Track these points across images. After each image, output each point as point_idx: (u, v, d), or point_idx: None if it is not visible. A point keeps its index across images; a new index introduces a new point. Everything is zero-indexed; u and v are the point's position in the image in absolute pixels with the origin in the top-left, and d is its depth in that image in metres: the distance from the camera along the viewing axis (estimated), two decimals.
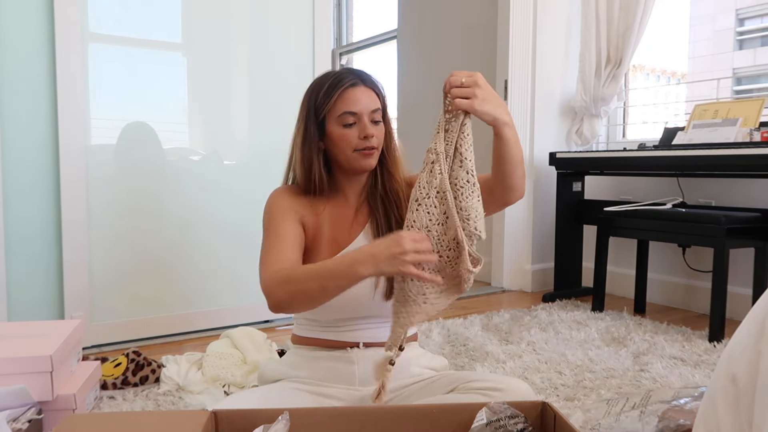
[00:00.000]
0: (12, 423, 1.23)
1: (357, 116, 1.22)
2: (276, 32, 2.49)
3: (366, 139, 1.22)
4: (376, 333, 1.29)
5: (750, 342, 0.65)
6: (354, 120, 1.22)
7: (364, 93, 1.22)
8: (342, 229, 1.29)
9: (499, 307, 2.78)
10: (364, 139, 1.22)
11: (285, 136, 2.49)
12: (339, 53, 5.48)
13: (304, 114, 1.26)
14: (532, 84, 3.18)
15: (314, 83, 1.27)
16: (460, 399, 1.17)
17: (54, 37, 2.03)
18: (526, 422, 0.97)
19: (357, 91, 1.22)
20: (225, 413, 1.00)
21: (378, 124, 1.24)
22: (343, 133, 1.22)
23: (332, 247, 1.27)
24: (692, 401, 1.30)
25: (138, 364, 1.75)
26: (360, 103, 1.21)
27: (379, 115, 1.24)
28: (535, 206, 3.21)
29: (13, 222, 2.02)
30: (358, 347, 1.28)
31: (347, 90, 1.21)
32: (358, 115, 1.22)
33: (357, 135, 1.22)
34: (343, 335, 1.29)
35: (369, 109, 1.22)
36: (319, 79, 1.27)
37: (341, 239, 1.28)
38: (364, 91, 1.23)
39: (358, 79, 1.23)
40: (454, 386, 1.22)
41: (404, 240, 1.02)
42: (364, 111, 1.22)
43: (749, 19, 11.19)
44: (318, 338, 1.31)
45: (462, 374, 1.28)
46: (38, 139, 2.05)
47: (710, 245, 2.23)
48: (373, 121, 1.23)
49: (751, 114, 2.40)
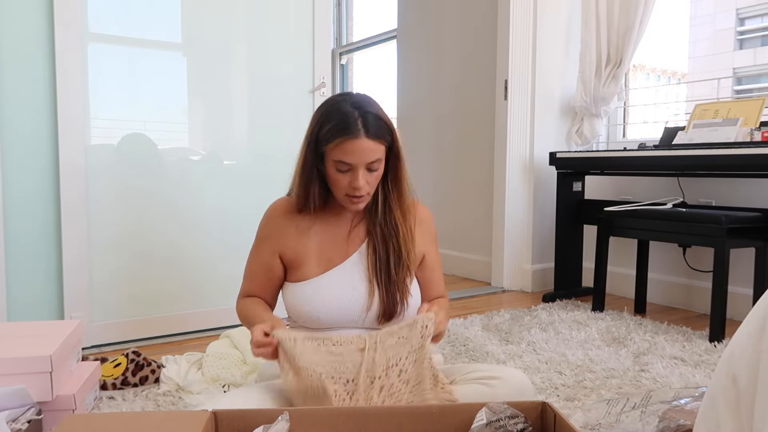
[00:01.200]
0: (11, 423, 1.23)
1: (351, 166, 1.21)
2: (276, 32, 2.49)
3: (355, 189, 1.22)
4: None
5: (750, 342, 0.65)
6: (348, 168, 1.22)
7: (365, 145, 1.19)
8: (336, 247, 1.32)
9: (499, 307, 2.78)
10: (354, 189, 1.22)
11: (285, 136, 2.51)
12: (339, 53, 5.48)
13: (308, 139, 1.26)
14: (532, 84, 3.18)
15: (323, 112, 1.24)
16: (460, 391, 1.19)
17: (53, 36, 2.03)
18: (526, 422, 0.97)
19: (357, 144, 1.19)
20: (225, 413, 1.00)
21: (374, 171, 1.23)
22: (336, 177, 1.23)
23: (323, 264, 1.31)
24: (693, 401, 1.30)
25: (138, 364, 1.75)
26: (357, 156, 1.19)
27: (376, 163, 1.22)
28: (535, 206, 3.21)
29: (13, 222, 2.02)
30: None
31: (347, 141, 1.19)
32: (353, 166, 1.21)
33: (349, 181, 1.22)
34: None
35: (365, 162, 1.21)
36: (328, 108, 1.24)
37: (335, 257, 1.31)
38: (366, 143, 1.19)
39: (362, 130, 1.19)
40: (452, 378, 1.25)
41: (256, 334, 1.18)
42: (359, 164, 1.20)
43: (749, 18, 11.19)
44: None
45: (459, 366, 1.31)
46: (38, 139, 2.05)
47: (711, 245, 2.23)
48: (369, 170, 1.22)
49: (752, 114, 2.39)
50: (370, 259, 1.30)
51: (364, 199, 1.26)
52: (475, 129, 3.56)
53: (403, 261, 1.29)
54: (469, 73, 3.59)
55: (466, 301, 2.96)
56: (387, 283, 1.28)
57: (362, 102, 1.23)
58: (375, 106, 1.24)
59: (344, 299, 1.28)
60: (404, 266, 1.29)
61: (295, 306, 1.31)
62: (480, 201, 3.53)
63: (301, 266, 1.31)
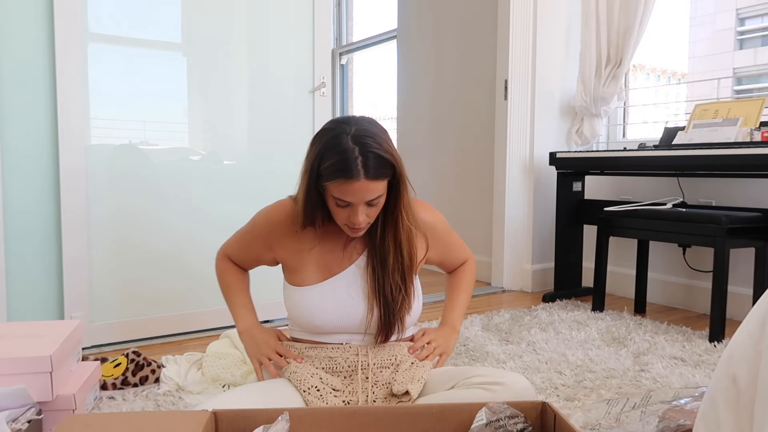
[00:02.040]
0: (12, 423, 1.23)
1: (351, 203, 1.19)
2: (276, 32, 2.49)
3: (353, 223, 1.21)
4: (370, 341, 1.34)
5: (750, 342, 0.65)
6: (347, 204, 1.19)
7: (365, 187, 1.16)
8: (334, 258, 1.33)
9: (499, 307, 2.78)
10: (351, 223, 1.21)
11: (285, 136, 2.51)
12: (339, 53, 5.48)
13: (309, 170, 1.21)
14: (532, 84, 3.18)
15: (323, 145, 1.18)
16: (462, 396, 1.18)
17: (54, 36, 2.03)
18: (526, 422, 0.97)
19: (356, 186, 1.15)
20: (225, 413, 1.00)
21: (374, 206, 1.21)
22: (335, 209, 1.22)
23: (323, 272, 1.32)
24: (692, 401, 1.30)
25: (138, 364, 1.75)
26: (356, 196, 1.17)
27: (377, 199, 1.20)
28: (535, 206, 3.21)
29: (13, 222, 2.02)
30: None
31: (346, 183, 1.15)
32: (353, 203, 1.19)
33: (348, 215, 1.21)
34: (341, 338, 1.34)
35: (364, 200, 1.18)
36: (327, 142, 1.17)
37: (333, 266, 1.33)
38: (366, 185, 1.15)
39: (362, 172, 1.14)
40: (455, 382, 1.24)
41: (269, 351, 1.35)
42: (358, 202, 1.18)
43: (749, 18, 11.18)
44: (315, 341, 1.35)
45: (461, 370, 1.30)
46: (38, 139, 2.05)
47: (710, 245, 2.23)
48: (369, 204, 1.20)
49: (752, 114, 2.39)
50: (369, 276, 1.31)
51: (364, 229, 1.25)
52: (475, 129, 3.56)
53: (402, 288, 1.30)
54: (469, 73, 3.59)
55: None
56: (384, 304, 1.29)
57: (364, 136, 1.16)
58: (377, 140, 1.17)
59: (343, 308, 1.30)
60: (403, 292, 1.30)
61: (294, 311, 1.33)
62: (480, 201, 3.53)
63: (300, 272, 1.33)
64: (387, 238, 1.29)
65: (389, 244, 1.29)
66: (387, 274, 1.29)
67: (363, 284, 1.31)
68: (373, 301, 1.29)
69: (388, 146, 1.19)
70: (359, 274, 1.32)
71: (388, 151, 1.18)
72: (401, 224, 1.28)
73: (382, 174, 1.17)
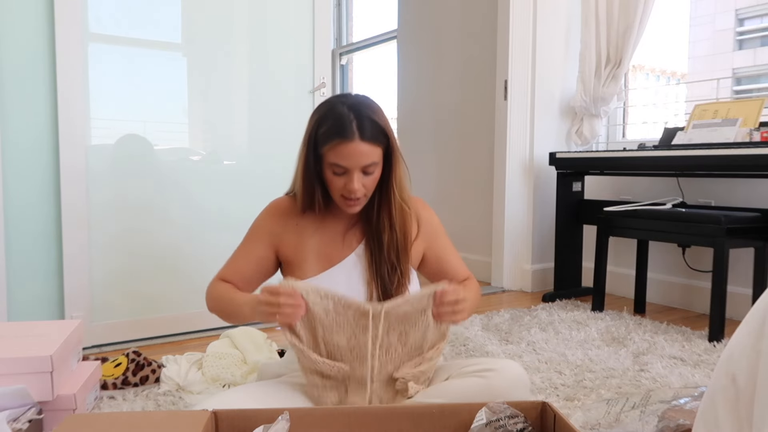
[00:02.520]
0: (12, 423, 1.23)
1: (347, 169, 1.21)
2: (276, 32, 2.49)
3: (350, 192, 1.22)
4: None
5: (750, 342, 0.65)
6: (343, 171, 1.22)
7: (359, 149, 1.19)
8: (333, 246, 1.33)
9: (499, 307, 2.79)
10: (348, 192, 1.22)
11: (285, 136, 2.51)
12: (339, 53, 5.48)
13: (307, 140, 1.26)
14: (532, 84, 3.18)
15: (320, 114, 1.24)
16: (457, 385, 1.19)
17: (54, 37, 2.03)
18: (525, 422, 0.97)
19: (351, 147, 1.19)
20: (225, 413, 1.00)
21: (370, 174, 1.23)
22: (332, 179, 1.24)
23: (323, 263, 1.31)
24: (692, 401, 1.31)
25: (138, 364, 1.75)
26: (351, 159, 1.19)
27: (372, 167, 1.22)
28: (535, 206, 3.21)
29: (14, 222, 2.02)
30: None
31: (342, 144, 1.19)
32: (348, 169, 1.21)
33: (344, 184, 1.22)
34: None
35: (360, 165, 1.20)
36: (325, 110, 1.24)
37: (333, 256, 1.32)
38: (360, 146, 1.19)
39: (356, 133, 1.19)
40: (449, 373, 1.25)
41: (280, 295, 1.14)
42: (354, 167, 1.20)
43: (749, 19, 11.19)
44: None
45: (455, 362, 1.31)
46: (38, 139, 2.05)
47: (710, 245, 2.23)
48: (365, 173, 1.22)
49: (751, 114, 2.40)
50: (367, 262, 1.30)
51: (360, 202, 1.26)
52: (475, 129, 3.56)
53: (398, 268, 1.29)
54: (469, 73, 3.59)
55: None
56: (381, 285, 1.28)
57: (359, 104, 1.22)
58: (372, 108, 1.23)
59: None
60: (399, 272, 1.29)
61: None
62: (480, 201, 3.53)
63: (301, 265, 1.32)
64: (382, 216, 1.30)
65: (384, 221, 1.30)
66: (383, 253, 1.29)
67: (362, 271, 1.31)
68: (372, 285, 1.29)
69: (382, 116, 1.25)
70: (359, 262, 1.31)
71: (382, 120, 1.24)
72: (393, 199, 1.29)
73: (376, 138, 1.21)
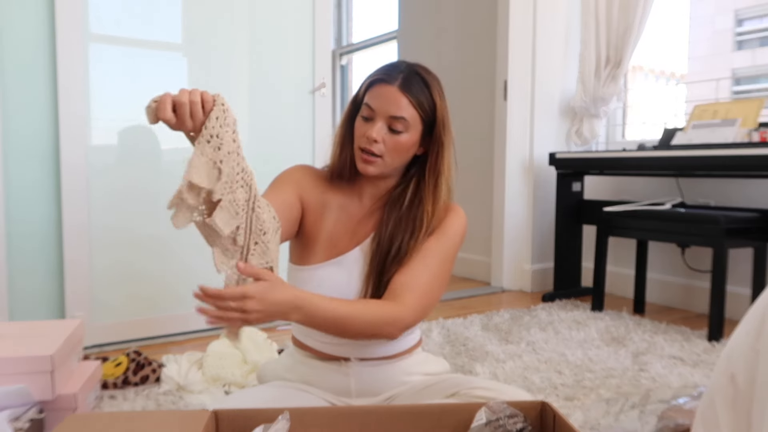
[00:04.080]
0: (13, 422, 1.23)
1: (373, 113, 1.14)
2: (276, 33, 2.49)
3: (367, 140, 1.13)
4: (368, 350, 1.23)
5: (749, 341, 0.65)
6: (370, 115, 1.14)
7: (392, 96, 1.13)
8: (345, 234, 1.24)
9: (498, 307, 2.79)
10: (366, 139, 1.14)
11: (285, 136, 2.51)
12: (339, 53, 5.48)
13: (354, 95, 1.22)
14: (532, 84, 3.18)
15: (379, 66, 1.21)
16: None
17: (54, 37, 2.03)
18: (525, 422, 0.97)
19: (386, 89, 1.13)
20: (225, 413, 1.01)
21: (397, 133, 1.14)
22: (359, 125, 1.17)
23: (330, 251, 1.22)
24: (691, 401, 1.31)
25: (138, 363, 1.75)
26: (381, 101, 1.13)
27: (400, 123, 1.13)
28: (535, 206, 3.21)
29: (14, 222, 2.02)
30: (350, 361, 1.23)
31: (378, 84, 1.14)
32: (375, 113, 1.14)
33: (366, 131, 1.14)
34: (335, 348, 1.23)
35: (387, 113, 1.13)
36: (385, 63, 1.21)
37: (341, 246, 1.23)
38: (394, 92, 1.13)
39: (398, 80, 1.13)
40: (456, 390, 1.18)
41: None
42: (380, 111, 1.13)
43: (748, 19, 11.20)
44: (312, 347, 1.25)
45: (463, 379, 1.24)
46: (40, 139, 2.05)
47: (709, 245, 2.24)
48: (390, 128, 1.14)
49: (750, 114, 2.40)
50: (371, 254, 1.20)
51: (376, 163, 1.15)
52: (475, 129, 3.56)
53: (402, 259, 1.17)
54: (469, 73, 3.60)
55: (465, 301, 2.97)
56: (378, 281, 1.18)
57: (418, 64, 1.18)
58: (429, 74, 1.17)
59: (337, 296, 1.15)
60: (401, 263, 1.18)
61: None
62: (480, 201, 3.53)
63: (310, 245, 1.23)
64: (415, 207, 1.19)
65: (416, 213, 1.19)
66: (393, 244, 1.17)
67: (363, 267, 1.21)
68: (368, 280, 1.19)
69: (437, 88, 1.18)
70: (361, 257, 1.22)
71: (435, 89, 1.17)
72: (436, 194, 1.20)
73: (416, 98, 1.14)
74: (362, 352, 1.23)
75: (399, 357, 1.26)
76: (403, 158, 1.19)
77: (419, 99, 1.15)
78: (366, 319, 1.08)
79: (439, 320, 2.47)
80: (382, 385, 1.25)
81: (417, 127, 1.17)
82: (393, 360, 1.25)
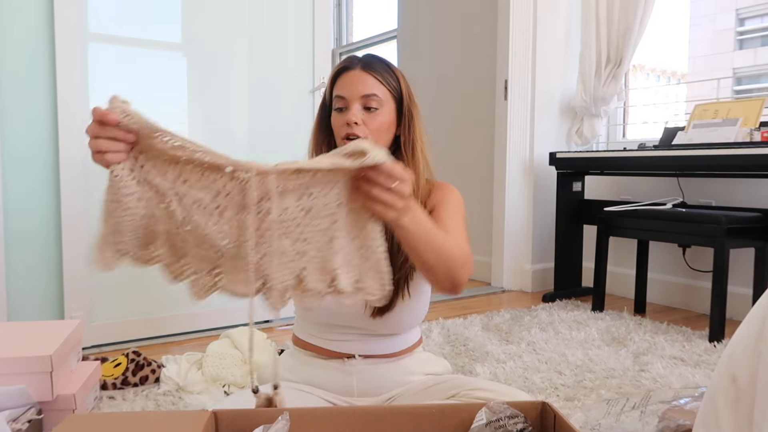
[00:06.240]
0: (12, 423, 1.23)
1: (346, 101, 1.15)
2: (276, 32, 2.49)
3: (348, 126, 1.13)
4: (371, 346, 1.24)
5: (750, 342, 0.65)
6: (344, 104, 1.15)
7: (358, 77, 1.15)
8: None
9: (499, 307, 2.78)
10: (347, 126, 1.14)
11: (285, 136, 2.51)
12: (339, 53, 5.48)
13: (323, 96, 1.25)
14: (532, 84, 3.18)
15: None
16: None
17: (54, 37, 2.03)
18: (525, 422, 0.97)
19: (349, 76, 1.16)
20: (225, 413, 1.00)
21: (372, 111, 1.15)
22: (335, 119, 1.18)
23: None
24: (692, 401, 1.30)
25: (138, 364, 1.75)
26: (349, 87, 1.15)
27: (374, 101, 1.14)
28: (535, 206, 3.21)
29: (14, 222, 2.02)
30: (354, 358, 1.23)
31: (342, 74, 1.17)
32: (347, 101, 1.15)
33: (345, 121, 1.14)
34: (339, 345, 1.24)
35: (359, 94, 1.14)
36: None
37: None
38: (359, 75, 1.15)
39: (358, 64, 1.17)
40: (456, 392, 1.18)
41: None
42: (352, 96, 1.14)
43: (749, 18, 11.19)
44: (315, 345, 1.26)
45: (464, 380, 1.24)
46: (39, 139, 2.05)
47: (710, 245, 2.23)
48: (366, 108, 1.14)
49: (751, 114, 2.40)
50: None
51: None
52: (475, 129, 3.56)
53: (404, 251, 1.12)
54: (469, 73, 3.59)
55: (466, 301, 2.97)
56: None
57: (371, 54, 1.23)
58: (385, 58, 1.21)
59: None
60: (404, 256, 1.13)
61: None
62: (480, 201, 3.53)
63: None
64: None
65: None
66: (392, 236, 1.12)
67: None
68: None
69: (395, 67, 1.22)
70: None
71: (394, 67, 1.20)
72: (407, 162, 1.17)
73: (378, 71, 1.17)
74: (366, 349, 1.24)
75: (401, 355, 1.27)
76: (384, 138, 1.19)
77: (384, 75, 1.18)
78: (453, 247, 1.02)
79: (439, 320, 2.47)
80: (384, 384, 1.26)
81: (390, 103, 1.18)
82: (395, 358, 1.26)
